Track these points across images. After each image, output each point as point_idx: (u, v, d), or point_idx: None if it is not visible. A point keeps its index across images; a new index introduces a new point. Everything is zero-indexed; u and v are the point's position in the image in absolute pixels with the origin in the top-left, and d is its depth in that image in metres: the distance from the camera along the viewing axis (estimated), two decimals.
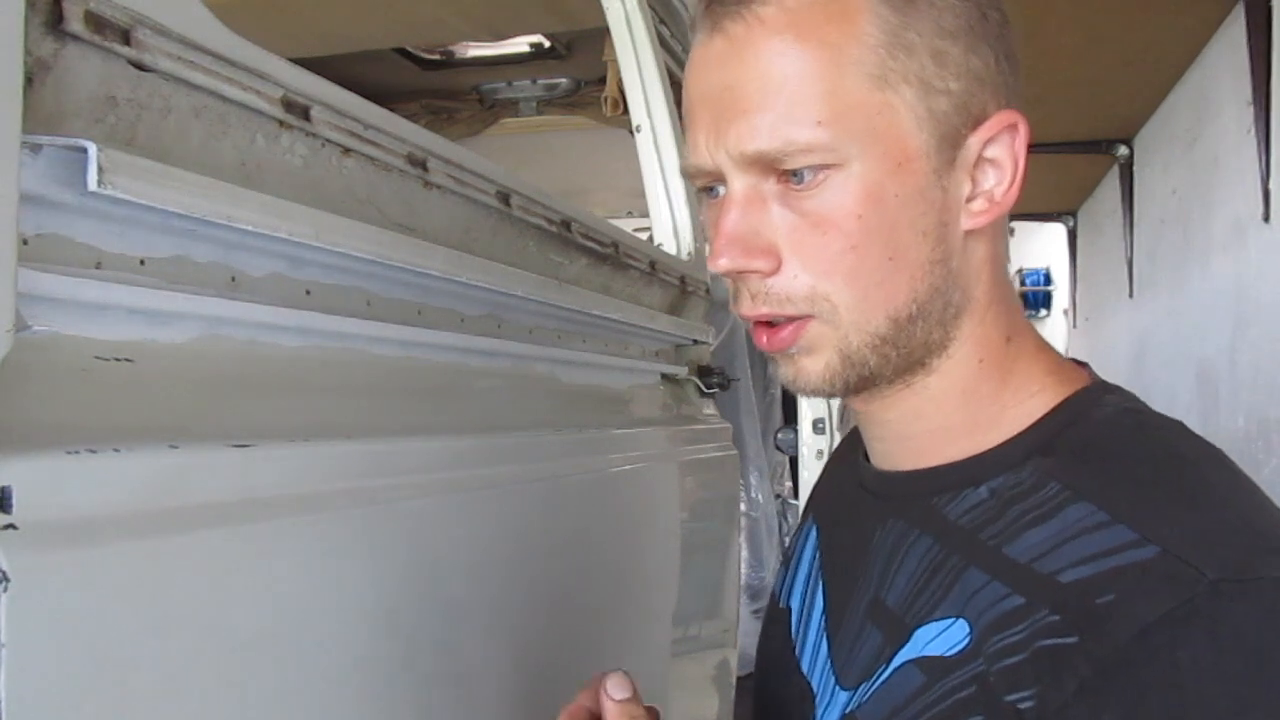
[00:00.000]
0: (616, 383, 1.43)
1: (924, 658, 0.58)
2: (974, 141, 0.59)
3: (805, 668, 0.72)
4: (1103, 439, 0.59)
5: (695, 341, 1.66)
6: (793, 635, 0.75)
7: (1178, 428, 0.60)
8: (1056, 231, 6.56)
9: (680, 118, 0.67)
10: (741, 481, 2.03)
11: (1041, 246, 7.73)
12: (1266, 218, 2.63)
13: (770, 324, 0.61)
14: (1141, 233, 4.29)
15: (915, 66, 0.57)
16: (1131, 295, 4.42)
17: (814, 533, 0.79)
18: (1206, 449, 0.59)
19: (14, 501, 0.46)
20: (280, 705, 0.63)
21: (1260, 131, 2.64)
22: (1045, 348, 0.65)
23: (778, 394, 3.27)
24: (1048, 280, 8.09)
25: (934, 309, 0.60)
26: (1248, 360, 2.80)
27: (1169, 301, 3.80)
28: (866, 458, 0.71)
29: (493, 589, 0.91)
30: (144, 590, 0.53)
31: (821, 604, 0.73)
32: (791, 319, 0.60)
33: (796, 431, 2.21)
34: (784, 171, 0.58)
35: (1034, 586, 0.54)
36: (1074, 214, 5.97)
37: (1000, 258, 0.63)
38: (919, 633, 0.60)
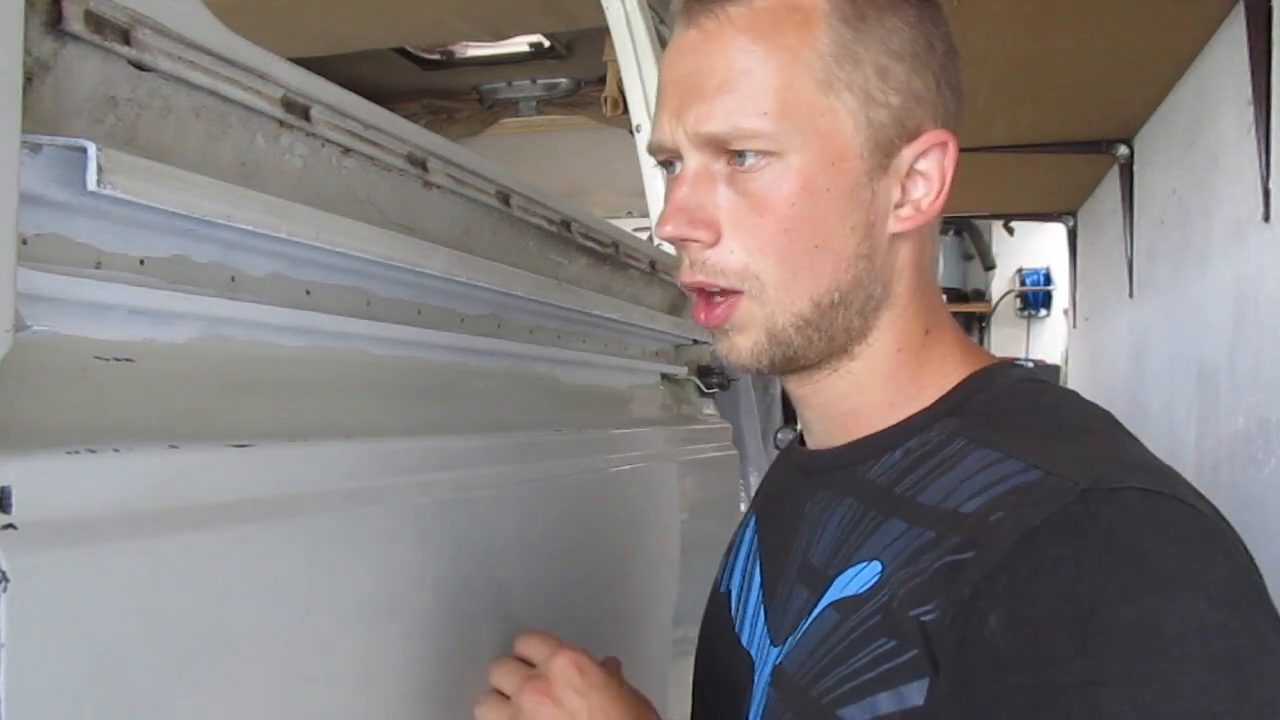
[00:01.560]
0: (616, 383, 1.43)
1: (840, 599, 0.63)
2: (908, 153, 0.65)
3: (745, 640, 0.76)
4: (1004, 401, 0.66)
5: (695, 341, 1.66)
6: (732, 615, 0.80)
7: (1074, 396, 0.67)
8: (1056, 231, 6.55)
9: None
10: (741, 481, 2.02)
11: (1041, 246, 7.73)
12: (1266, 218, 2.62)
13: (708, 301, 0.67)
14: (1141, 233, 4.29)
15: (859, 78, 0.63)
16: (1131, 295, 4.41)
17: (752, 521, 0.84)
18: (1099, 411, 0.65)
19: (14, 501, 0.46)
20: (280, 705, 0.63)
21: (1260, 131, 2.63)
22: (963, 340, 0.71)
23: (777, 394, 3.26)
24: (1048, 280, 8.08)
25: (855, 299, 0.66)
26: (1248, 360, 2.80)
27: (1169, 301, 3.80)
28: (802, 443, 0.77)
29: (493, 589, 0.91)
30: (144, 590, 0.53)
31: (759, 580, 0.78)
32: (724, 291, 0.65)
33: (797, 431, 2.21)
34: (732, 154, 0.64)
35: (941, 520, 0.59)
36: (1074, 214, 5.96)
37: (925, 260, 0.69)
38: (838, 580, 0.65)
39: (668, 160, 0.68)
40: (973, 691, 0.54)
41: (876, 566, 0.62)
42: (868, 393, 0.69)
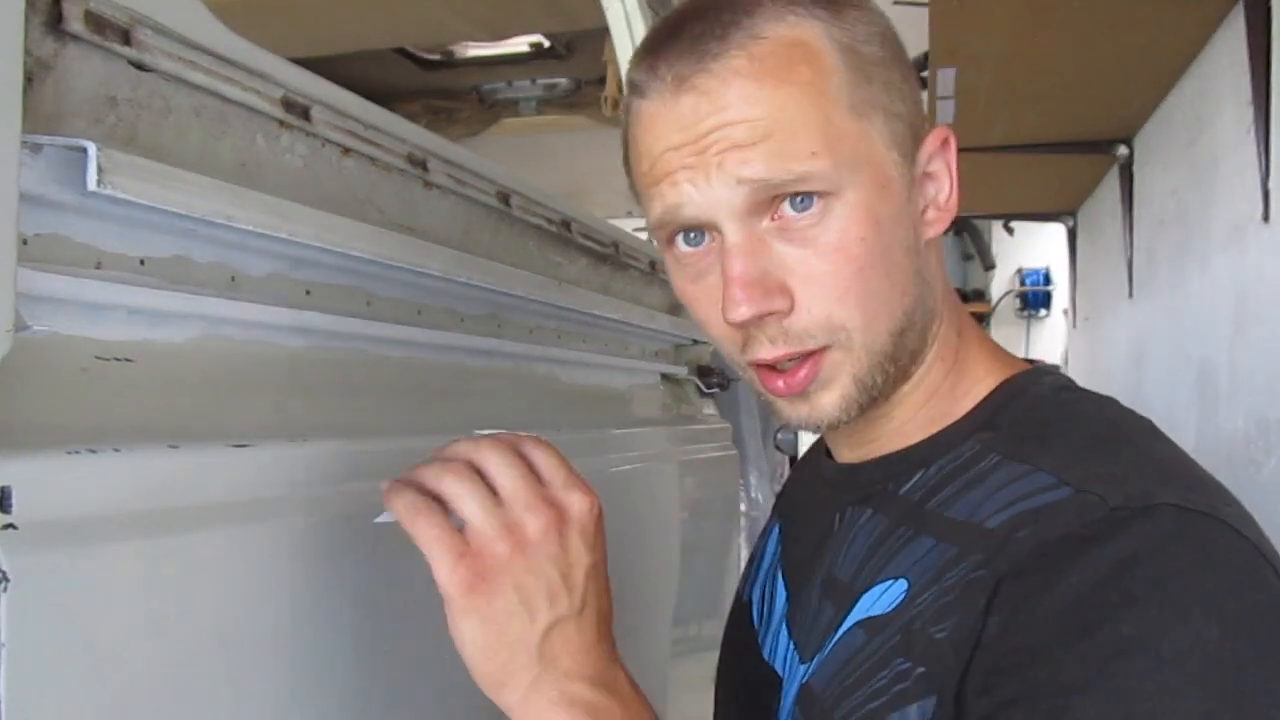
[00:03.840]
0: (616, 383, 1.43)
1: (867, 618, 0.61)
2: (921, 158, 0.63)
3: (768, 655, 0.74)
4: (1038, 412, 0.63)
5: (695, 341, 1.66)
6: (755, 625, 0.78)
7: (1111, 402, 0.64)
8: (1056, 231, 6.55)
9: (633, 184, 0.67)
10: (741, 481, 2.03)
11: (1041, 246, 7.72)
12: (1266, 218, 2.62)
13: (783, 370, 0.61)
14: (1141, 233, 4.29)
15: (876, 95, 0.60)
16: (1131, 295, 4.41)
17: (776, 530, 0.82)
18: (1137, 419, 0.62)
19: (14, 501, 0.46)
20: (280, 706, 0.63)
21: (1260, 131, 2.63)
22: (986, 337, 0.70)
23: None
24: (1047, 280, 8.07)
25: (917, 318, 0.63)
26: (1248, 361, 2.80)
27: (1169, 302, 3.80)
28: (829, 454, 0.74)
29: None
30: (144, 590, 0.53)
31: (783, 594, 0.75)
32: (809, 354, 0.61)
33: (796, 432, 2.21)
34: (778, 208, 0.59)
35: (966, 536, 0.58)
36: (1074, 214, 5.96)
37: (943, 259, 0.68)
38: (864, 597, 0.63)
39: (681, 231, 0.62)
40: (967, 690, 0.53)
41: (903, 585, 0.60)
42: (910, 410, 0.66)
